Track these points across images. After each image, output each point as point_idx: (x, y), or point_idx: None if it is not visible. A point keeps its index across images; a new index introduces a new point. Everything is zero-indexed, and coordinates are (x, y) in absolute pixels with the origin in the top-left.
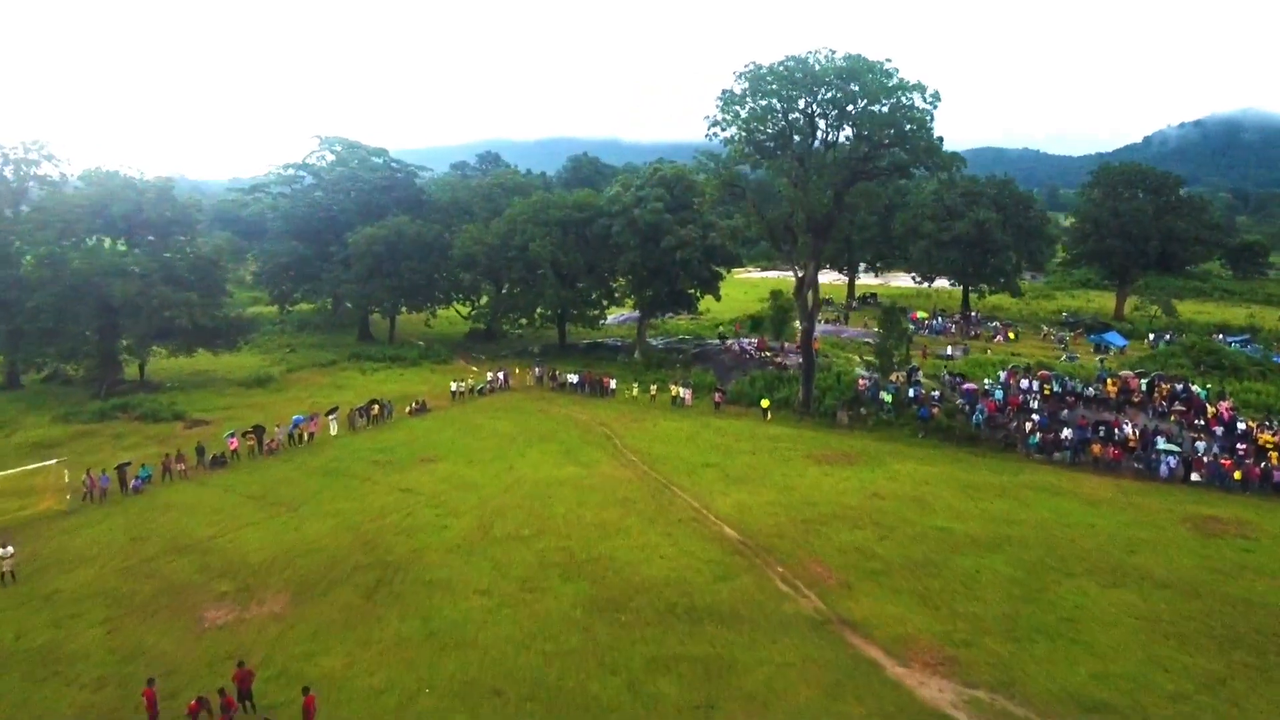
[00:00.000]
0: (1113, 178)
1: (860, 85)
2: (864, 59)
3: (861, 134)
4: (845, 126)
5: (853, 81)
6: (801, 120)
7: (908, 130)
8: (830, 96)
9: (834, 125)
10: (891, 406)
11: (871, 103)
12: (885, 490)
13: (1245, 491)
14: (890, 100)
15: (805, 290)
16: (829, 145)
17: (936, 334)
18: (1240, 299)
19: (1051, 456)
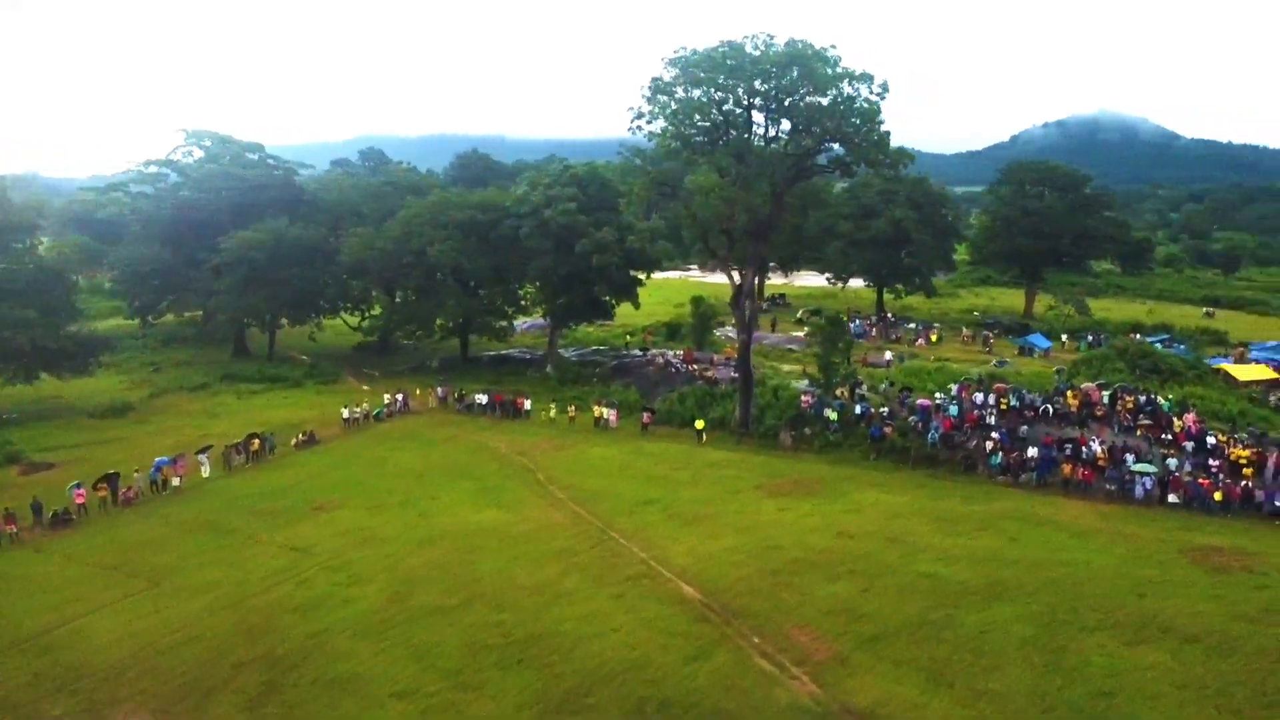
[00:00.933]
0: (1021, 175)
1: (801, 74)
2: (806, 45)
3: (803, 127)
4: (785, 120)
5: (793, 70)
6: (737, 112)
7: (855, 124)
8: (769, 87)
9: (773, 118)
10: (838, 425)
11: (814, 93)
12: (853, 527)
13: (1227, 514)
14: (834, 91)
15: (744, 299)
16: (768, 140)
17: (857, 337)
18: (1133, 294)
19: (1018, 478)
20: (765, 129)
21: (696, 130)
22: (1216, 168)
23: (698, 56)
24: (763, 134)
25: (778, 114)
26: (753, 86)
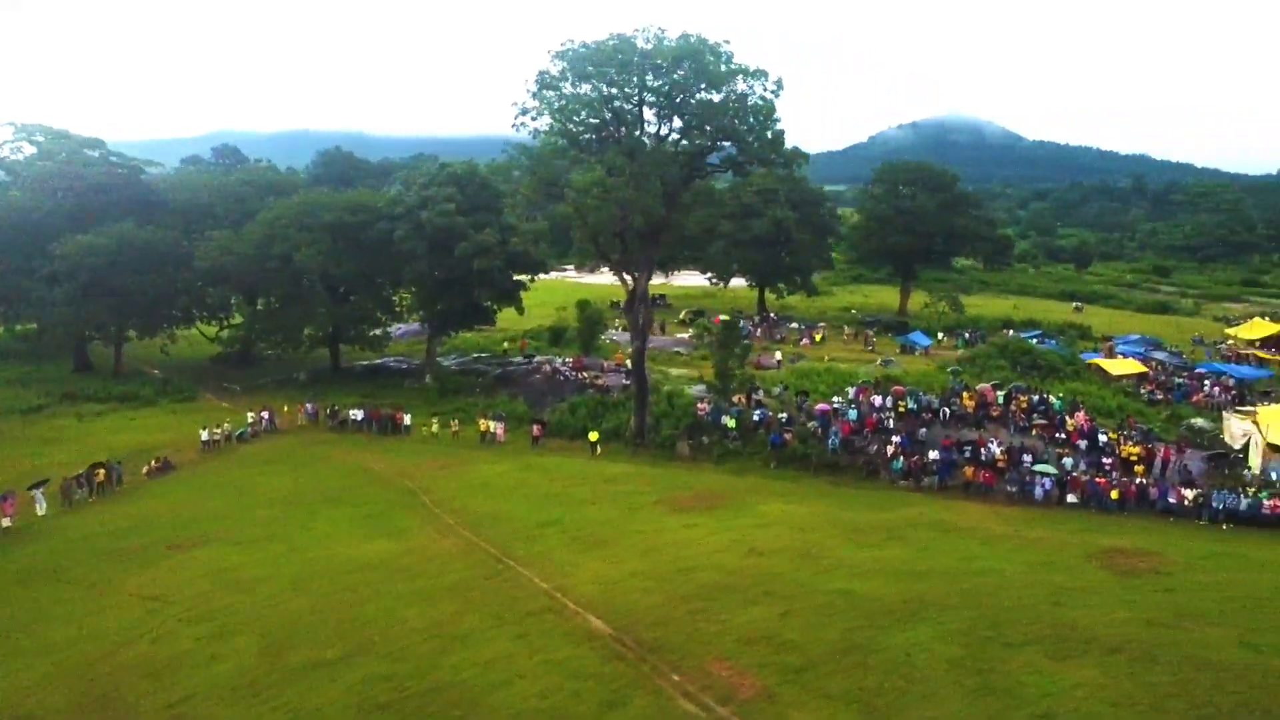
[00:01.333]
0: (894, 175)
1: (694, 70)
2: (700, 40)
3: (695, 125)
4: (677, 117)
5: (685, 65)
6: (627, 109)
7: (751, 122)
8: (660, 83)
9: (665, 116)
10: (737, 433)
11: (707, 90)
12: (763, 543)
13: (1123, 511)
14: (727, 88)
15: (638, 304)
16: (660, 139)
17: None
18: (997, 290)
19: (919, 483)
20: (658, 127)
21: (584, 127)
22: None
23: (586, 50)
24: (655, 132)
25: (670, 111)
26: (644, 82)
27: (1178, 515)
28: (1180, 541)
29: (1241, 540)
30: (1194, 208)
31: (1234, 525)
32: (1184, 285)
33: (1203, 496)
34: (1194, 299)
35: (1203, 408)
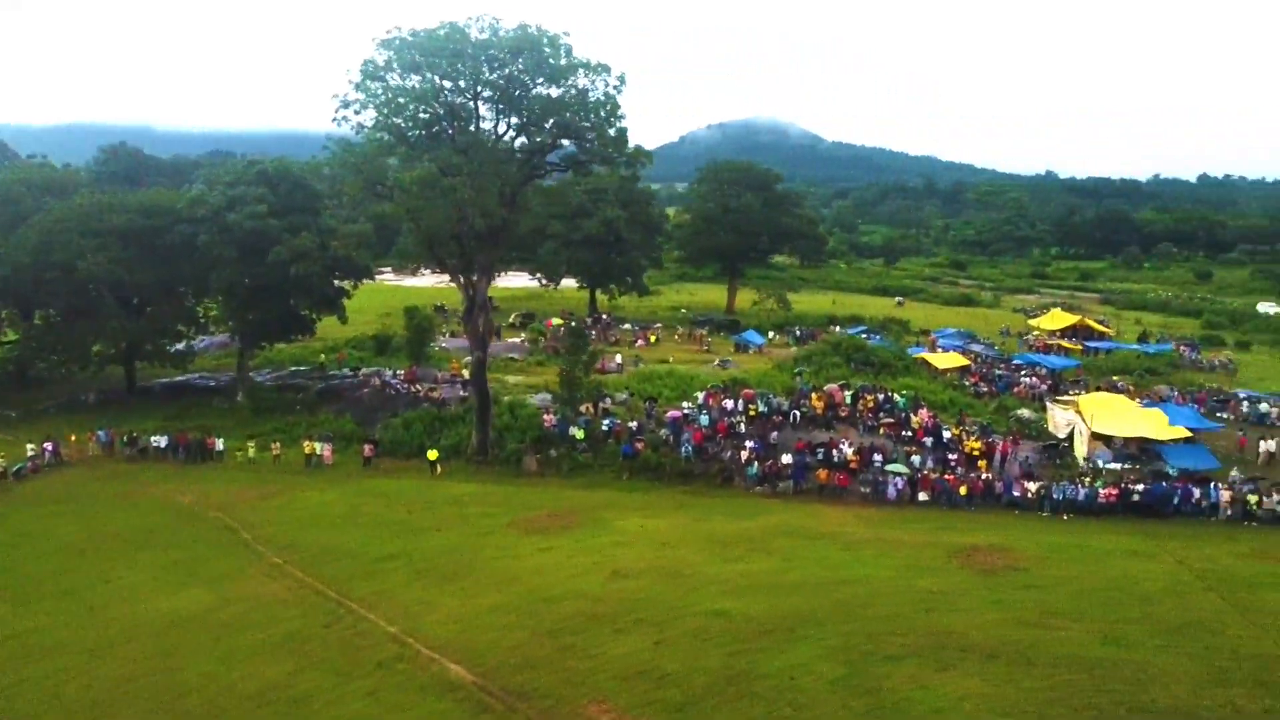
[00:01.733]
0: (719, 174)
1: (532, 63)
2: (539, 31)
3: (534, 122)
4: (514, 113)
5: (523, 58)
6: (459, 103)
7: (593, 119)
8: (496, 75)
9: (502, 111)
10: (586, 444)
11: (547, 84)
12: (626, 563)
13: (972, 507)
14: (568, 82)
15: (477, 312)
16: (498, 135)
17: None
18: (815, 287)
19: (775, 488)
20: (495, 123)
21: (413, 123)
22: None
23: (414, 38)
24: (492, 128)
25: (507, 106)
26: (478, 75)
27: (1022, 508)
28: (1029, 535)
29: (1082, 530)
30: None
31: (1073, 515)
32: (981, 279)
33: (1044, 489)
34: (993, 292)
35: (1025, 398)
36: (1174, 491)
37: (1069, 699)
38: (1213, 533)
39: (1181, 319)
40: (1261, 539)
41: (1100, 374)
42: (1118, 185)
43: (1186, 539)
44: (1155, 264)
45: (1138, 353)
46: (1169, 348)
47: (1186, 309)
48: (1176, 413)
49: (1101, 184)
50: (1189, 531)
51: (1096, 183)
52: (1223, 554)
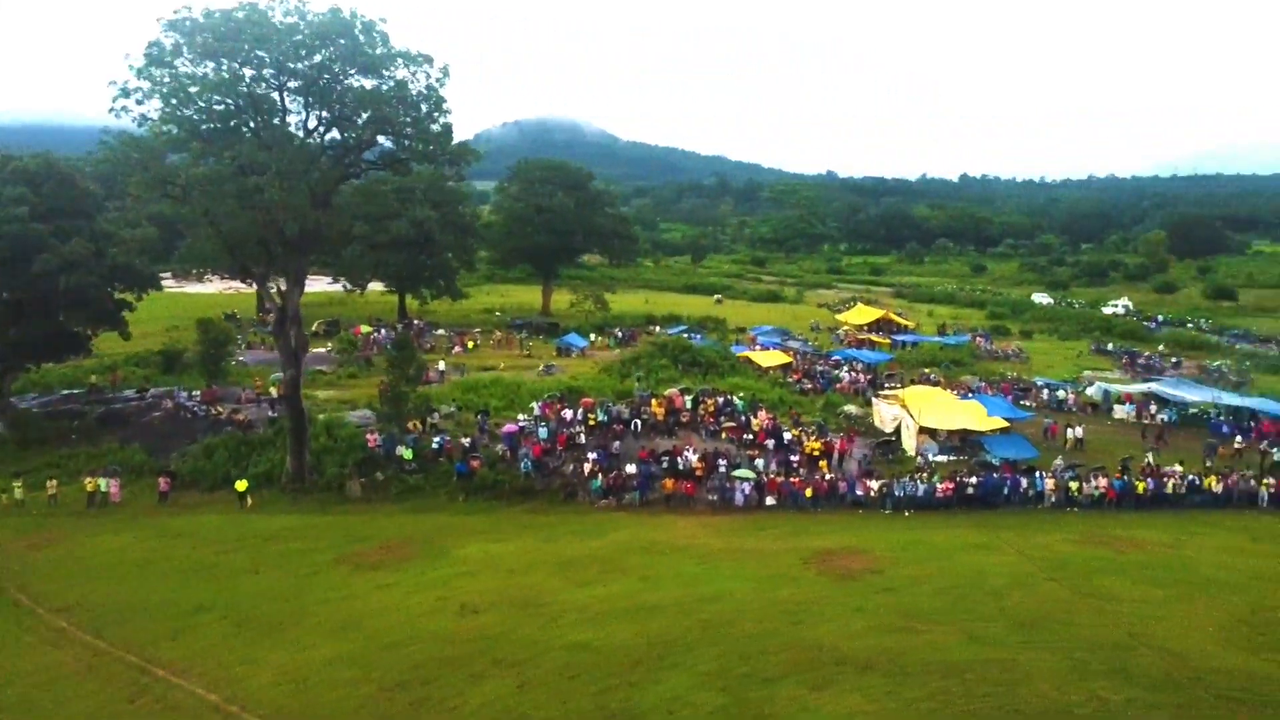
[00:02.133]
0: (531, 173)
1: (346, 51)
2: (354, 16)
3: (348, 116)
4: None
5: (334, 45)
6: (263, 94)
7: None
8: (304, 65)
9: (311, 104)
10: (416, 465)
11: (361, 75)
12: (475, 596)
13: (818, 509)
14: (387, 73)
15: (289, 324)
16: (307, 130)
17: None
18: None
19: (621, 500)
20: (304, 116)
21: (207, 115)
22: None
23: (209, 20)
24: (301, 122)
25: (316, 98)
26: (282, 63)
27: (865, 506)
28: (877, 534)
29: (924, 525)
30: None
31: (914, 511)
32: (782, 275)
33: (886, 486)
34: (795, 288)
35: (848, 394)
36: (1004, 482)
37: (946, 708)
38: (1041, 520)
39: (968, 310)
40: (1085, 524)
41: (911, 367)
42: (891, 184)
43: (1019, 528)
44: (935, 258)
45: (940, 345)
46: (967, 339)
47: (972, 300)
48: (992, 404)
49: (877, 183)
50: (1020, 520)
51: (873, 182)
52: (1055, 541)
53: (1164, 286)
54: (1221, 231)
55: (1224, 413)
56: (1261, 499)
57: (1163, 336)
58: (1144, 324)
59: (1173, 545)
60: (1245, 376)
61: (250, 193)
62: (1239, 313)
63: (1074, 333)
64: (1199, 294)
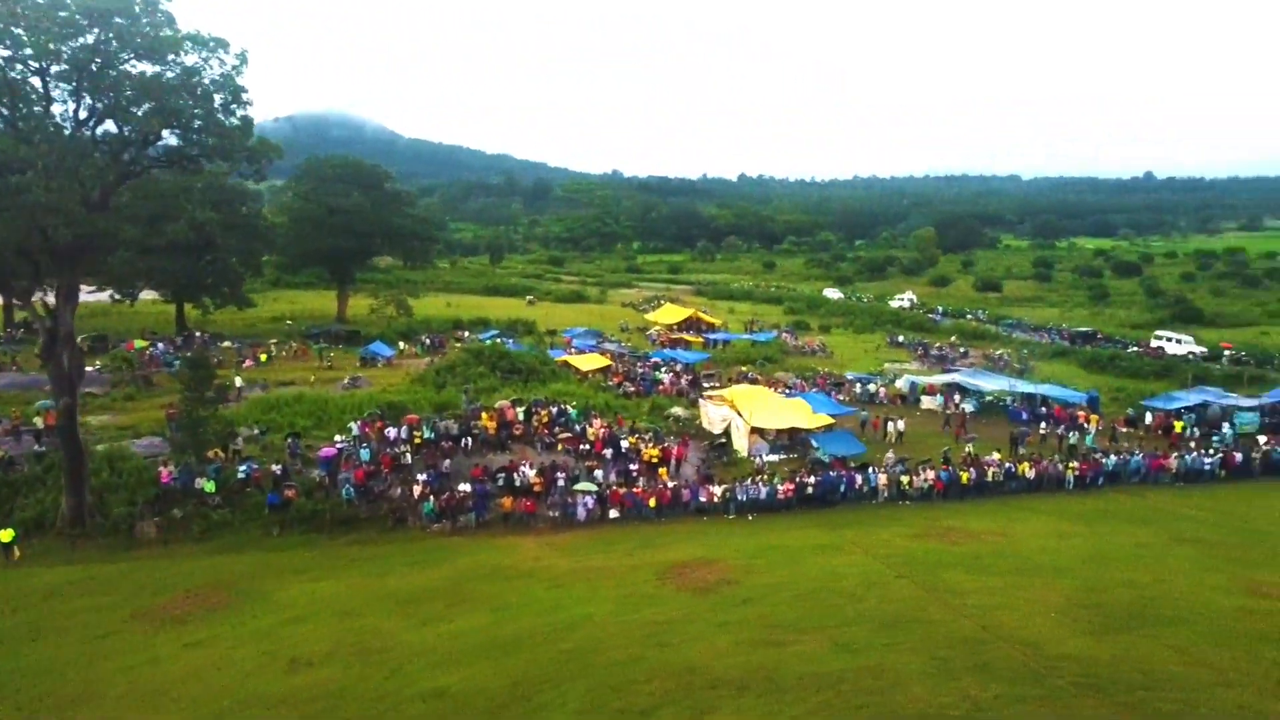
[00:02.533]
0: (323, 172)
1: (124, 32)
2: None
3: (125, 106)
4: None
5: (110, 25)
6: (20, 79)
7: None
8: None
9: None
10: (220, 498)
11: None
12: (304, 646)
13: (663, 518)
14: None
15: (61, 346)
16: (78, 122)
17: (165, 366)
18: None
19: (456, 523)
20: (74, 106)
21: None
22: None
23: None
24: (70, 113)
25: (88, 86)
26: (44, 45)
27: (709, 512)
28: (725, 541)
29: (769, 528)
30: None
31: (757, 514)
32: (582, 274)
33: (729, 491)
34: (597, 287)
35: (672, 396)
36: (841, 480)
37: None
38: (877, 515)
39: (765, 306)
40: (918, 517)
41: (726, 365)
42: (676, 184)
43: (859, 525)
44: (726, 255)
45: (751, 342)
46: (774, 336)
47: (768, 296)
48: (815, 400)
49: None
50: (858, 517)
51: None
52: (895, 536)
53: (939, 280)
54: (978, 228)
55: (1018, 400)
56: (1068, 482)
57: (948, 328)
58: (929, 316)
59: (1001, 533)
60: (1026, 364)
61: (9, 194)
62: (1004, 303)
63: (868, 326)
64: (969, 286)
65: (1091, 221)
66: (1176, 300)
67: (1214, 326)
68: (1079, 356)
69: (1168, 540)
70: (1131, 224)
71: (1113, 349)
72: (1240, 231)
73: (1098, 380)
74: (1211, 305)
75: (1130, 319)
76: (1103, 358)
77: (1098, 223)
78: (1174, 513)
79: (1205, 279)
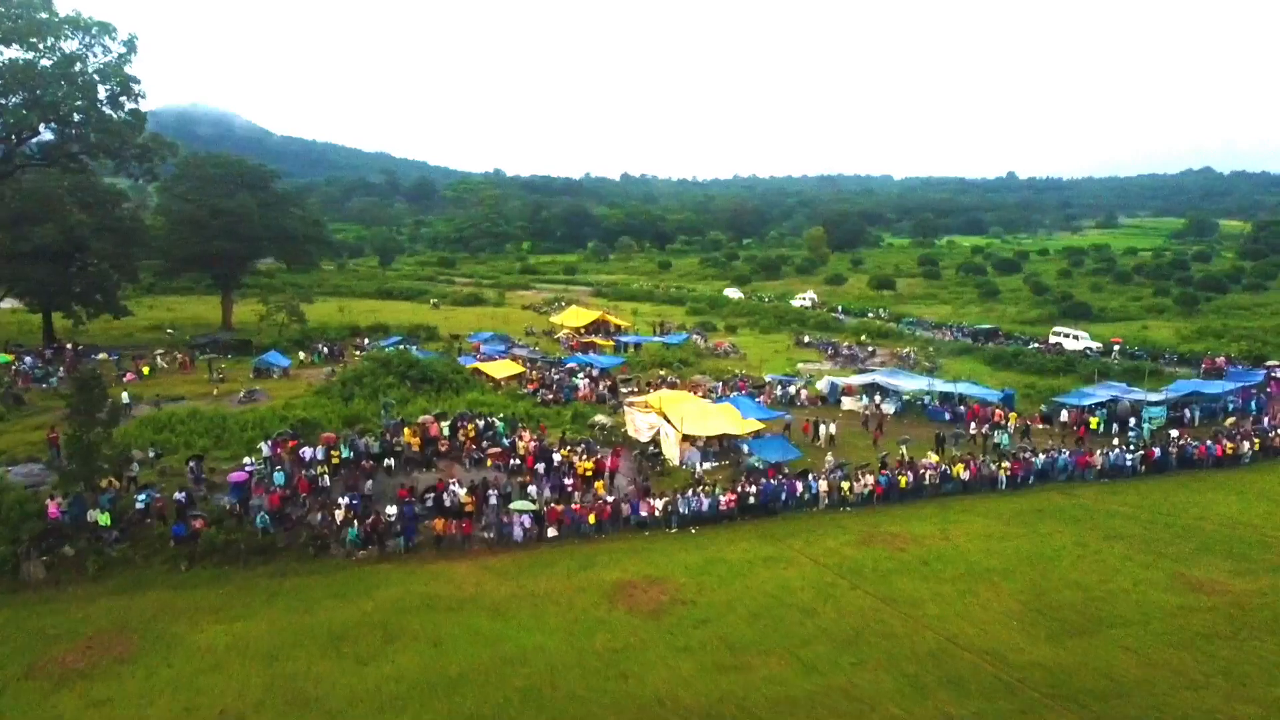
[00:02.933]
0: (203, 170)
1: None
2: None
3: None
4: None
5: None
6: None
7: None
8: None
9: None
10: (118, 532)
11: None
12: (230, 698)
13: (602, 535)
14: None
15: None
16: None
17: (38, 382)
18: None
19: (384, 549)
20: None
21: None
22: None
23: None
24: None
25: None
26: None
27: (650, 526)
28: (670, 558)
29: (712, 541)
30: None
31: (700, 527)
32: (476, 276)
33: (670, 504)
34: (494, 289)
35: (592, 403)
36: (782, 488)
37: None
38: (819, 523)
39: (666, 306)
40: (859, 523)
41: (643, 368)
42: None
43: (803, 535)
44: (619, 255)
45: (663, 344)
46: (686, 337)
47: (668, 297)
48: (741, 404)
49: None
50: (799, 526)
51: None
52: (840, 545)
53: (834, 279)
54: (863, 227)
55: (936, 399)
56: (1000, 482)
57: (851, 326)
58: (833, 315)
59: (942, 536)
60: (935, 362)
61: None
62: (898, 300)
63: (773, 326)
64: (864, 285)
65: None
66: (1063, 297)
67: (1101, 321)
68: (982, 354)
69: (1102, 538)
70: (1000, 221)
71: (1015, 346)
72: (1098, 229)
73: (1004, 378)
74: (1095, 301)
75: (1020, 315)
76: (1006, 355)
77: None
78: (1104, 509)
79: (1080, 275)
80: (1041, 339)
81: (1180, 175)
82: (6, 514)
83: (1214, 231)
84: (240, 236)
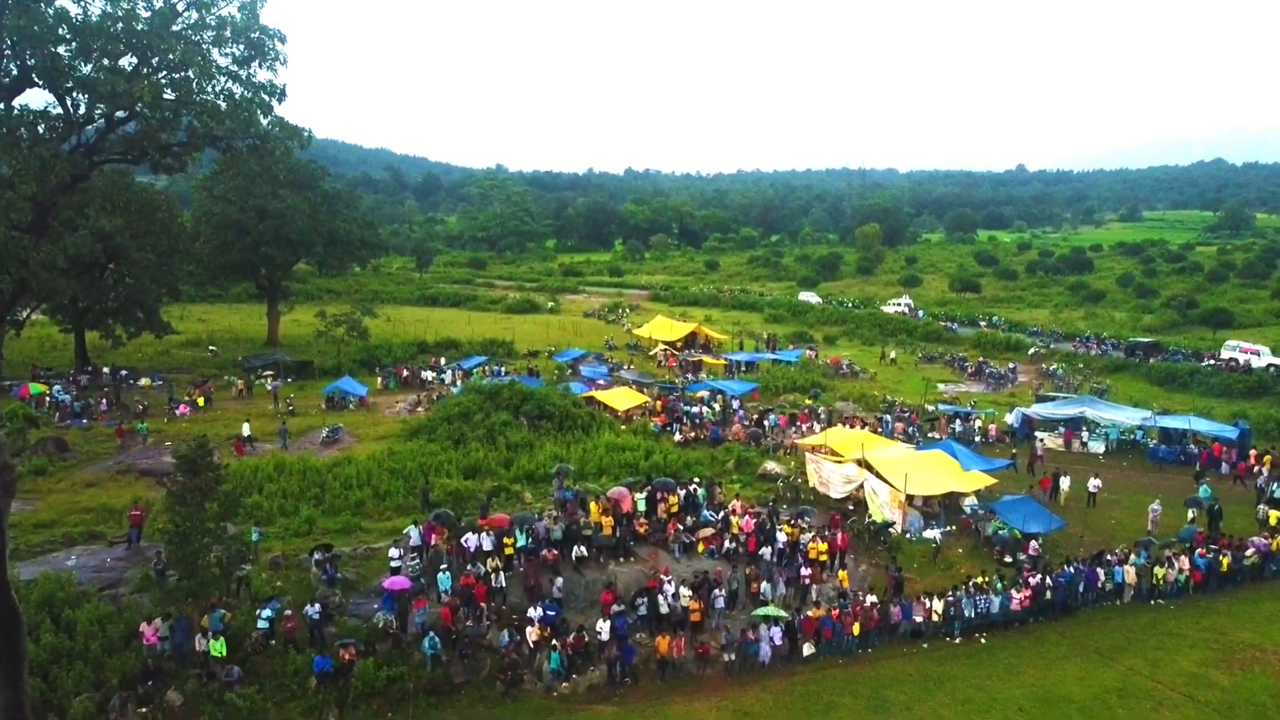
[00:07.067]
0: (246, 169)
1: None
2: None
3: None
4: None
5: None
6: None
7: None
8: None
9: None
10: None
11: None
12: None
13: (867, 649)
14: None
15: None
16: None
17: (75, 419)
18: (347, 300)
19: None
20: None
21: None
22: (306, 158)
23: None
24: None
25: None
26: None
27: (924, 635)
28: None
29: (1018, 658)
30: (484, 199)
31: (990, 635)
32: (518, 279)
33: (953, 607)
34: (542, 294)
35: (743, 443)
36: (1081, 578)
37: None
38: (1140, 627)
39: (738, 313)
40: (1193, 626)
41: (773, 395)
42: (567, 179)
43: (1134, 649)
44: (655, 254)
45: (774, 362)
46: (800, 354)
47: (739, 302)
48: (953, 450)
49: (551, 177)
50: (1116, 632)
51: (547, 176)
52: (1201, 667)
53: (909, 280)
54: (905, 223)
55: (1154, 435)
56: None
57: (968, 337)
58: (945, 326)
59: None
60: (1102, 384)
61: None
62: (985, 304)
63: (874, 337)
64: (944, 287)
65: (984, 215)
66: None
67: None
68: (1144, 372)
69: None
70: (1020, 216)
71: (1187, 363)
72: (1121, 223)
73: (1182, 401)
74: (1238, 308)
75: (1134, 321)
76: (1182, 373)
77: (989, 215)
78: None
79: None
80: (1213, 354)
81: (1192, 167)
82: (85, 643)
83: (1249, 225)
84: (288, 241)
